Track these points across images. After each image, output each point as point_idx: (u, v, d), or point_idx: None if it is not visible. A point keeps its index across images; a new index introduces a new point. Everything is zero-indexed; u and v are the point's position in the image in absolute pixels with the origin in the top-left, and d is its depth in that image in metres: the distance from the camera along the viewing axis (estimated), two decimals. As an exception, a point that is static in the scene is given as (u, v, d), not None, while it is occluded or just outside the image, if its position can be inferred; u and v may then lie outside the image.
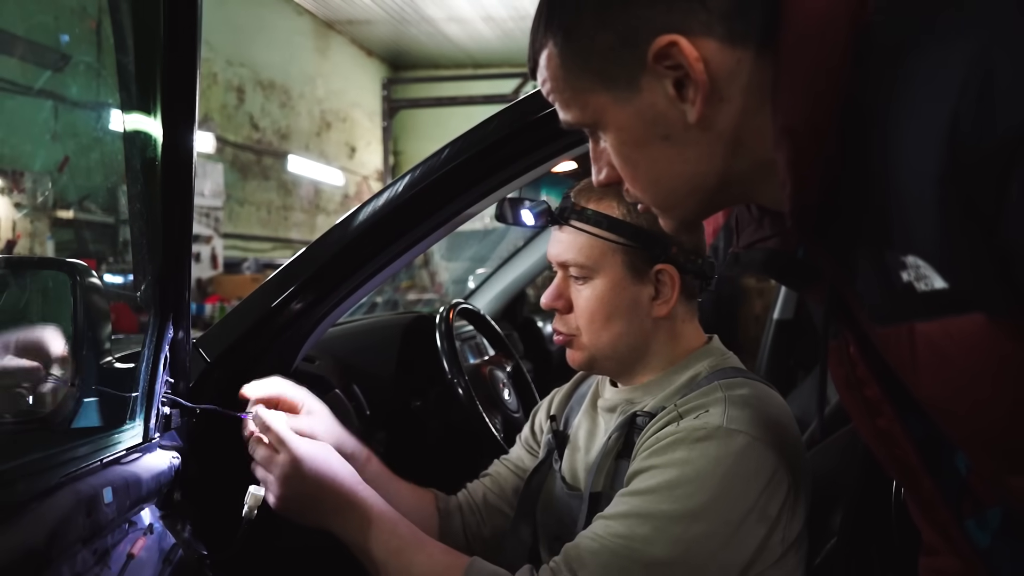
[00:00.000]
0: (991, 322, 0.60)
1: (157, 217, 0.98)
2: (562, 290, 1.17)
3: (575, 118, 0.78)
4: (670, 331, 1.16)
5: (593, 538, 1.00)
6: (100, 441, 0.96)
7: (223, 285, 7.13)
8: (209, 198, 7.37)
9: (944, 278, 0.61)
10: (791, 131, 0.67)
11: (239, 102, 8.30)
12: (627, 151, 0.76)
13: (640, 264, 1.11)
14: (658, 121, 0.72)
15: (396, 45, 10.89)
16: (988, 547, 0.77)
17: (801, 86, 0.67)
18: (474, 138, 1.28)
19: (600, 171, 0.82)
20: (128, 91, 0.95)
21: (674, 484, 0.99)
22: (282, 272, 1.34)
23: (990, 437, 0.67)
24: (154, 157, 0.94)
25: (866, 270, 0.68)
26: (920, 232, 0.61)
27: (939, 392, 0.67)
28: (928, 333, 0.64)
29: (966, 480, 0.77)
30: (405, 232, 1.32)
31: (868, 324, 0.71)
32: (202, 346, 1.31)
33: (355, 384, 1.66)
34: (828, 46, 0.66)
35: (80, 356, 1.06)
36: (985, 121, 0.56)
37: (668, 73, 0.70)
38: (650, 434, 1.06)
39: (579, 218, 1.12)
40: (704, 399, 1.06)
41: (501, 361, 1.96)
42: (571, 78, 0.75)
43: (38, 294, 1.20)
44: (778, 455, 1.01)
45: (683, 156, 0.74)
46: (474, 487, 1.38)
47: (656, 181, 0.77)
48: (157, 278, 1.02)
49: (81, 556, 0.78)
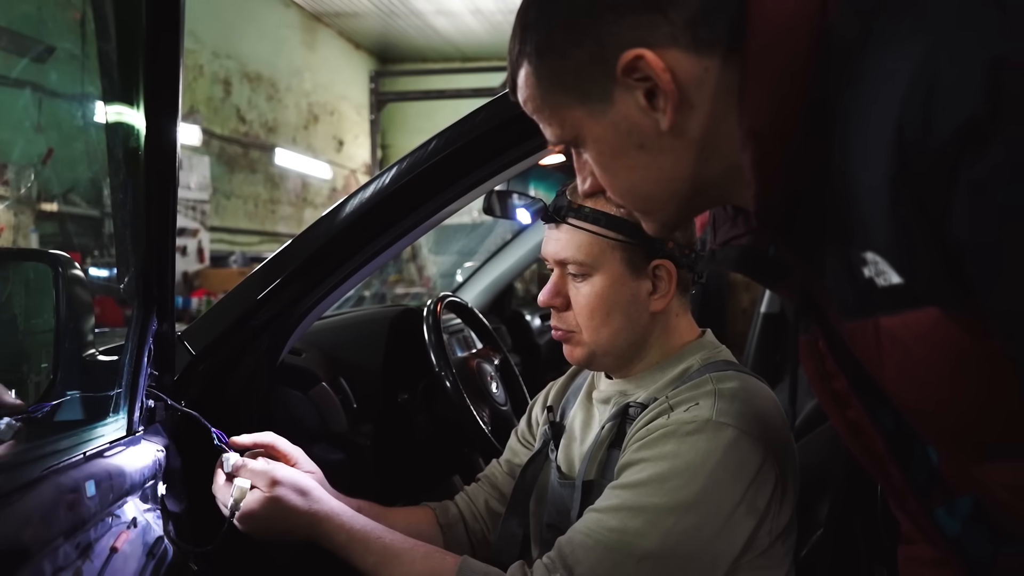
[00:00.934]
0: (946, 316, 0.62)
1: (140, 208, 0.97)
2: (560, 288, 1.17)
3: (556, 135, 0.81)
4: (665, 325, 1.16)
5: (586, 533, 1.01)
6: (83, 434, 0.95)
7: (210, 279, 7.08)
8: (195, 191, 7.31)
9: (899, 274, 0.63)
10: (756, 134, 0.69)
11: (226, 95, 8.25)
12: (605, 161, 0.79)
13: (638, 260, 1.12)
14: (632, 131, 0.75)
15: (384, 38, 10.84)
16: (958, 535, 0.78)
17: (765, 91, 0.69)
18: (461, 130, 1.28)
19: (585, 181, 0.85)
20: (111, 80, 0.93)
21: (665, 477, 0.99)
22: (268, 264, 1.33)
23: (954, 430, 0.69)
24: (137, 147, 0.93)
25: (834, 266, 0.70)
26: (876, 230, 0.63)
27: (904, 387, 0.69)
28: (891, 328, 0.66)
29: (937, 470, 0.78)
30: (392, 224, 1.31)
31: (837, 319, 0.73)
32: (187, 339, 1.30)
33: (342, 377, 1.65)
34: (791, 51, 0.68)
35: (62, 348, 1.05)
36: (929, 124, 0.57)
37: (638, 85, 0.72)
38: (640, 425, 1.07)
39: (577, 216, 1.12)
40: (694, 392, 1.06)
41: (489, 354, 1.96)
42: (548, 96, 0.78)
43: (20, 286, 1.19)
44: (766, 448, 1.02)
45: (658, 163, 0.76)
46: (474, 493, 1.37)
47: (634, 188, 0.80)
48: (140, 270, 1.01)
49: (63, 550, 0.77)
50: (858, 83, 0.64)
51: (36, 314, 1.16)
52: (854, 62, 0.65)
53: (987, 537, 0.76)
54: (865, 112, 0.63)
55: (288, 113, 9.38)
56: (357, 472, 1.59)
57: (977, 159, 0.56)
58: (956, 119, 0.56)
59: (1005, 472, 0.68)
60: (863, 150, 0.63)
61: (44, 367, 1.13)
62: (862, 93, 0.63)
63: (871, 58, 0.63)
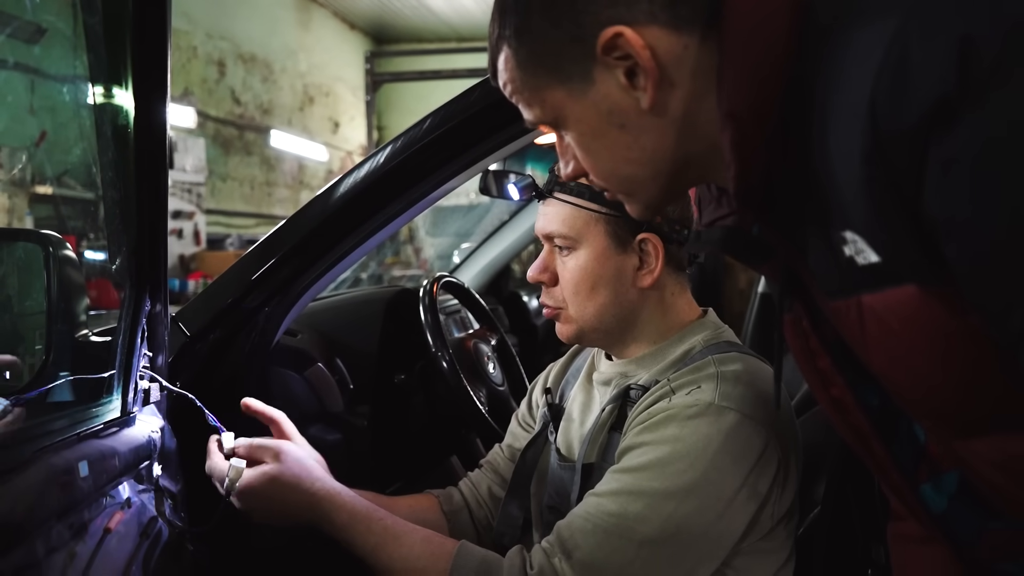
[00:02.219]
0: (924, 293, 0.62)
1: (131, 189, 0.96)
2: (548, 263, 1.17)
3: (537, 116, 0.81)
4: (659, 303, 1.15)
5: (585, 517, 1.00)
6: (76, 415, 0.95)
7: (206, 261, 7.07)
8: (191, 174, 7.28)
9: (877, 252, 0.63)
10: (735, 115, 0.69)
11: (220, 76, 8.19)
12: (587, 142, 0.79)
13: (623, 233, 1.11)
14: (613, 111, 0.75)
15: (379, 18, 10.75)
16: (944, 511, 0.79)
17: (744, 72, 0.68)
18: (456, 109, 1.27)
19: (567, 164, 0.85)
20: (98, 59, 0.92)
21: (666, 461, 0.99)
22: (262, 244, 1.33)
23: (937, 407, 0.69)
24: (126, 126, 0.92)
25: (816, 246, 0.70)
26: (852, 208, 0.63)
27: (887, 364, 0.70)
28: (872, 306, 0.66)
29: (924, 447, 0.79)
30: (387, 204, 1.30)
31: (821, 298, 0.73)
32: (181, 320, 1.29)
33: (338, 358, 1.65)
34: (769, 31, 0.67)
35: (54, 329, 1.04)
36: (900, 101, 0.57)
37: (618, 64, 0.72)
38: (642, 408, 1.07)
39: (562, 190, 1.13)
40: (696, 374, 1.06)
41: (486, 335, 1.96)
42: (527, 78, 0.78)
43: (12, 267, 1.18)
44: (768, 431, 1.01)
45: (640, 143, 0.76)
46: (477, 479, 1.37)
47: (616, 170, 0.79)
48: (133, 250, 1.00)
49: (56, 530, 0.76)
50: (833, 62, 0.64)
51: (28, 295, 1.15)
52: (829, 41, 0.64)
53: (973, 513, 0.77)
54: (839, 91, 0.63)
55: (283, 95, 9.32)
56: (354, 453, 1.59)
57: (947, 135, 0.56)
58: (926, 96, 0.56)
59: (988, 448, 0.69)
60: (836, 128, 0.63)
61: (38, 348, 1.12)
62: (837, 72, 0.63)
63: (845, 36, 0.63)
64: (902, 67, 0.57)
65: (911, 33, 0.58)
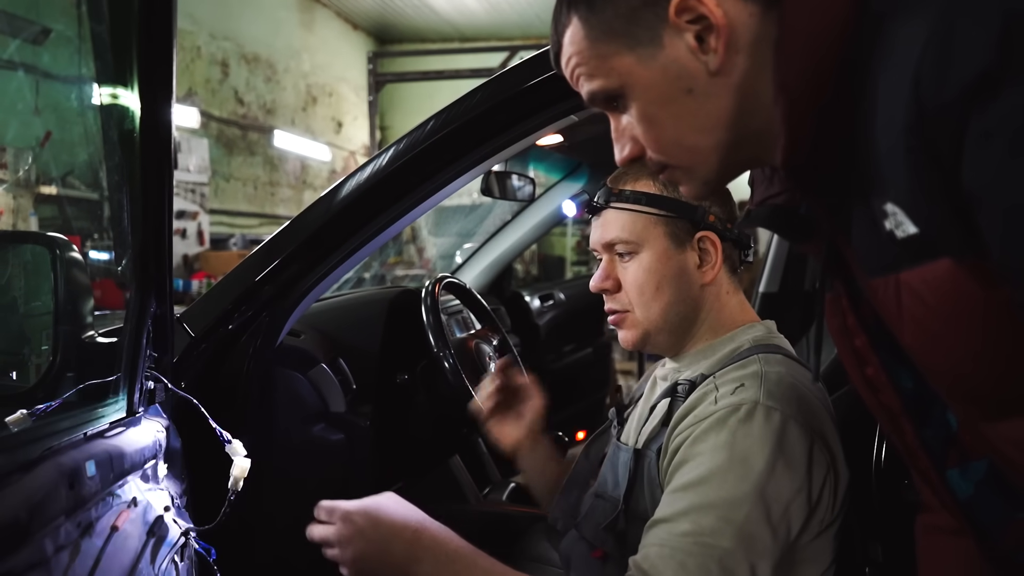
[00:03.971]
0: (959, 267, 0.63)
1: (136, 190, 0.96)
2: (609, 271, 1.19)
3: (601, 86, 0.81)
4: (715, 301, 1.18)
5: (661, 544, 0.99)
6: (83, 415, 0.95)
7: (210, 261, 7.08)
8: (194, 174, 7.29)
9: (914, 223, 0.64)
10: (788, 89, 0.71)
11: (223, 76, 8.20)
12: (653, 111, 0.80)
13: (681, 233, 1.15)
14: (682, 75, 0.76)
15: (382, 18, 10.75)
16: (970, 497, 0.79)
17: (801, 48, 0.70)
18: (459, 110, 1.28)
19: (624, 147, 0.85)
20: (104, 61, 0.93)
21: (725, 469, 0.98)
22: (267, 245, 1.34)
23: (966, 385, 0.70)
24: (132, 128, 0.92)
25: (860, 222, 0.71)
26: (892, 180, 0.65)
27: (921, 342, 0.70)
28: (910, 282, 0.67)
29: (955, 433, 0.79)
30: (390, 205, 1.31)
31: (861, 276, 0.74)
32: (186, 320, 1.30)
33: (341, 358, 1.66)
34: (829, 7, 0.69)
35: (61, 330, 1.05)
36: (943, 75, 0.59)
37: (689, 27, 0.74)
38: (688, 408, 1.07)
39: (618, 199, 1.16)
40: (740, 372, 1.07)
41: (488, 335, 1.97)
42: (597, 46, 0.80)
43: (19, 268, 1.19)
44: (812, 434, 1.01)
45: (705, 109, 0.77)
46: None
47: (680, 138, 0.80)
48: (138, 252, 1.01)
49: (64, 528, 0.77)
50: (885, 42, 0.65)
51: (35, 296, 1.16)
52: (886, 19, 0.66)
53: (1001, 501, 0.77)
54: (887, 67, 0.64)
55: (286, 95, 9.33)
56: (356, 452, 1.60)
57: (987, 108, 0.57)
58: (969, 69, 0.57)
59: (1018, 430, 0.69)
60: (883, 102, 0.64)
61: (44, 349, 1.13)
62: (888, 51, 0.65)
63: (899, 20, 0.65)
64: (947, 42, 0.59)
65: (956, 11, 0.59)
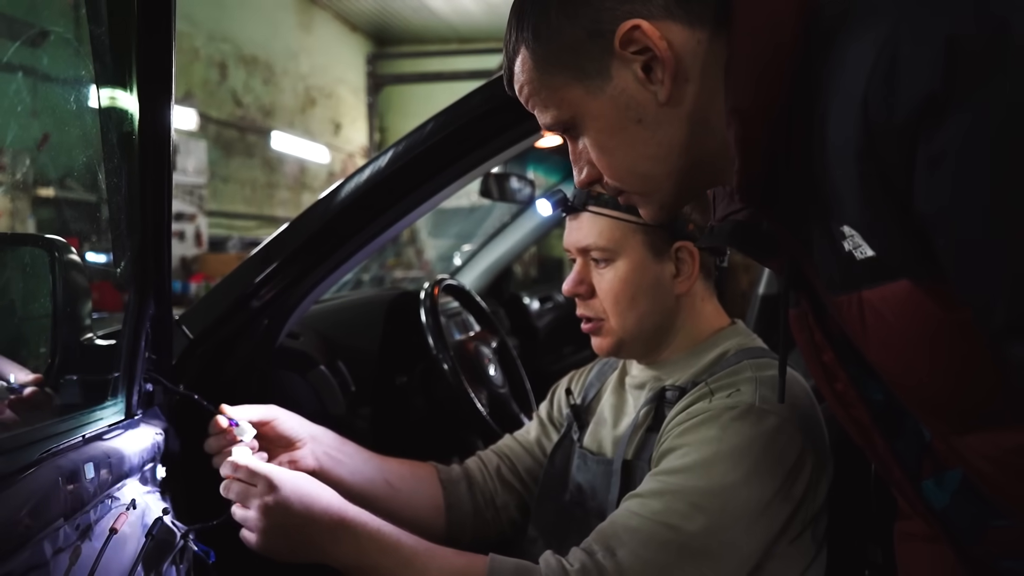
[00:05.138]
0: (917, 288, 0.64)
1: (135, 192, 0.96)
2: (583, 276, 1.17)
3: (554, 117, 0.81)
4: (691, 309, 1.17)
5: (628, 516, 1.00)
6: (81, 417, 0.95)
7: (208, 263, 7.08)
8: (192, 176, 7.29)
9: (872, 247, 0.65)
10: (740, 112, 0.71)
11: (221, 78, 8.20)
12: (604, 140, 0.79)
13: (660, 243, 1.13)
14: (631, 105, 0.76)
15: (380, 20, 10.77)
16: (946, 507, 0.80)
17: (751, 68, 0.70)
18: (458, 112, 1.28)
19: (581, 171, 0.85)
20: (103, 64, 0.93)
21: (710, 461, 1.00)
22: (265, 247, 1.34)
23: (934, 402, 0.71)
24: (131, 131, 0.92)
25: (819, 241, 0.71)
26: (848, 204, 0.65)
27: (886, 358, 0.71)
28: (871, 300, 0.67)
29: (929, 443, 0.80)
30: (389, 207, 1.31)
31: (824, 293, 0.75)
32: (185, 323, 1.30)
33: (340, 360, 1.66)
34: (777, 31, 0.69)
35: (60, 332, 1.05)
36: (890, 99, 0.59)
37: (635, 58, 0.74)
38: (681, 409, 1.08)
39: (597, 203, 1.14)
40: (734, 378, 1.07)
41: (487, 337, 1.97)
42: (545, 77, 0.79)
43: (17, 271, 1.19)
44: (804, 437, 1.03)
45: (656, 138, 0.77)
46: (487, 457, 1.38)
47: (633, 167, 0.80)
48: (136, 254, 1.01)
49: (63, 531, 0.77)
50: (833, 65, 0.65)
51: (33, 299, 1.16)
52: (833, 43, 0.66)
53: (976, 510, 0.78)
54: (836, 91, 0.64)
55: (285, 96, 9.33)
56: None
57: (934, 131, 0.57)
58: (915, 94, 0.58)
59: (985, 443, 0.70)
60: (833, 127, 0.64)
61: (42, 352, 1.13)
62: (836, 74, 0.65)
63: (846, 39, 0.65)
64: (893, 66, 0.59)
65: (902, 34, 0.59)
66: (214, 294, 1.35)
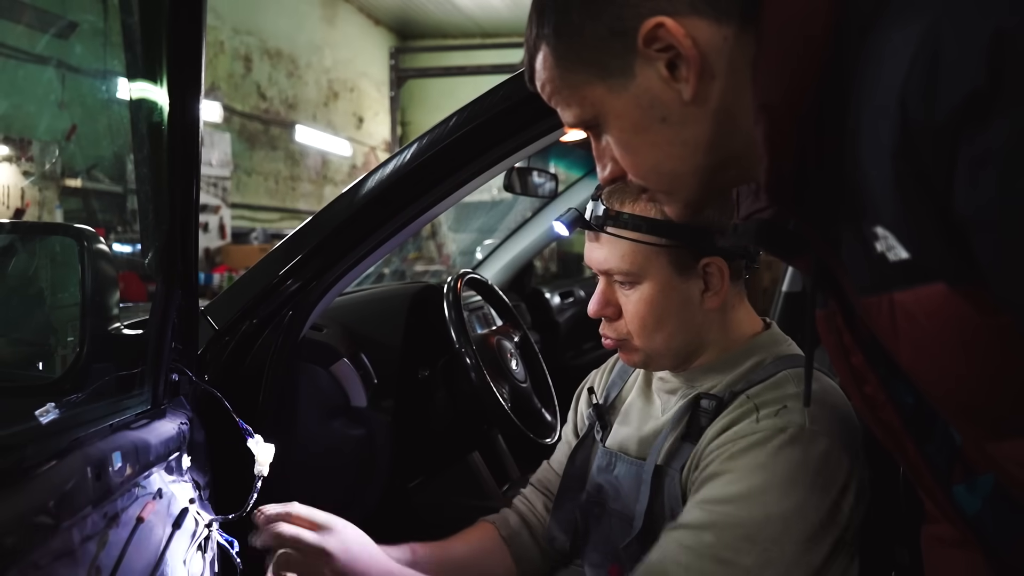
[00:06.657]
0: (953, 292, 0.61)
1: (164, 184, 0.97)
2: (608, 297, 1.13)
3: (576, 115, 0.80)
4: (722, 319, 1.13)
5: (678, 550, 0.97)
6: (109, 406, 0.96)
7: (231, 255, 7.15)
8: (217, 168, 7.36)
9: (907, 249, 0.62)
10: (768, 108, 0.69)
11: (246, 71, 8.26)
12: (627, 138, 0.78)
13: (686, 261, 1.08)
14: (655, 104, 0.74)
15: (404, 14, 10.78)
16: (978, 512, 0.78)
17: (779, 64, 0.68)
18: (482, 107, 1.27)
19: (604, 167, 0.83)
20: (133, 56, 0.94)
21: (760, 490, 0.96)
22: (290, 240, 1.34)
23: (968, 407, 0.69)
24: (160, 123, 0.93)
25: (849, 241, 0.69)
26: (883, 205, 0.63)
27: (918, 362, 0.69)
28: (904, 303, 0.65)
29: (960, 448, 0.78)
30: (412, 201, 1.31)
31: (853, 294, 0.73)
32: (210, 313, 1.31)
33: (363, 353, 1.66)
34: (807, 25, 0.67)
35: (88, 322, 1.06)
36: (930, 98, 0.57)
37: (659, 56, 0.72)
38: (724, 427, 1.04)
39: (616, 224, 1.08)
40: (778, 392, 1.04)
41: (509, 331, 1.96)
42: (567, 75, 0.78)
43: (47, 260, 1.20)
44: (852, 457, 1.00)
45: (681, 137, 0.75)
46: (531, 497, 1.34)
47: (658, 165, 0.78)
48: (164, 245, 1.02)
49: (91, 519, 0.78)
50: (868, 61, 0.63)
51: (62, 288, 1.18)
52: (868, 38, 0.64)
53: (1009, 516, 0.76)
54: (872, 88, 0.62)
55: (308, 90, 9.38)
56: (377, 447, 1.61)
57: (978, 133, 0.55)
58: (957, 93, 0.55)
59: (1020, 450, 0.68)
60: (869, 125, 0.62)
61: (71, 340, 1.15)
62: (871, 71, 0.63)
63: (881, 35, 0.63)
64: (933, 64, 0.57)
65: (943, 30, 0.57)
66: (239, 285, 1.36)
